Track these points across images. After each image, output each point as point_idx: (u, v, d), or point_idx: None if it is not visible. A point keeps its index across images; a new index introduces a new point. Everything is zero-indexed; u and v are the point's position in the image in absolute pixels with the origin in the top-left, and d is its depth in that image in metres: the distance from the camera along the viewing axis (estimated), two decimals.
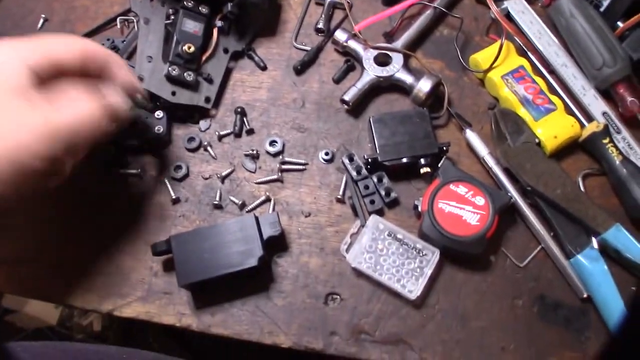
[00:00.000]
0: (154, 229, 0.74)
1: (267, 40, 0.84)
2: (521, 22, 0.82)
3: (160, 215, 0.75)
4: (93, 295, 0.71)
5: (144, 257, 0.72)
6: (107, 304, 0.71)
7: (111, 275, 0.72)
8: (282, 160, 0.76)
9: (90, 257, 0.73)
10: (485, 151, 0.75)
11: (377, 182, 0.74)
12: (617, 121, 0.77)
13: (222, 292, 0.71)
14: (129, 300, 0.71)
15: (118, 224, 0.74)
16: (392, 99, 0.80)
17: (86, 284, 0.71)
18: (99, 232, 0.74)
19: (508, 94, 0.77)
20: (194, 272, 0.67)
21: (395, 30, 0.83)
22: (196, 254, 0.68)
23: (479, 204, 0.70)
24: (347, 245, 0.72)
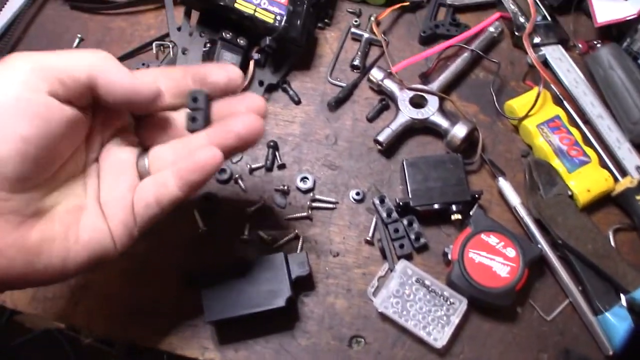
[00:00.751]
0: (181, 259, 0.74)
1: (301, 74, 0.84)
2: (558, 69, 0.82)
3: (188, 245, 0.75)
4: (117, 323, 0.71)
5: (170, 287, 0.72)
6: (131, 332, 0.71)
7: (136, 303, 0.72)
8: (313, 197, 0.76)
9: (116, 284, 0.73)
10: (517, 201, 0.75)
11: (407, 225, 0.74)
12: None
13: (246, 328, 0.70)
14: (152, 329, 0.71)
15: (146, 252, 0.74)
16: (425, 141, 0.80)
17: (110, 311, 0.71)
18: (125, 260, 0.73)
19: (543, 143, 0.77)
20: (222, 308, 0.67)
21: (431, 71, 0.82)
22: (224, 290, 0.68)
23: (510, 255, 0.70)
24: (374, 289, 0.72)
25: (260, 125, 0.56)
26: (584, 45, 0.85)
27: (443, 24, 0.86)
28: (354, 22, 0.87)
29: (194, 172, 0.53)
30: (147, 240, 0.74)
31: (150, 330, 0.71)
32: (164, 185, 0.54)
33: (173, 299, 0.72)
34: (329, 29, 0.88)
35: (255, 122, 0.55)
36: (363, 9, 0.89)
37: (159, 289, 0.72)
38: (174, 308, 0.71)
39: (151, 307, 0.72)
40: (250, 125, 0.55)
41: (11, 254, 0.47)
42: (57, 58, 0.48)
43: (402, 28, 0.88)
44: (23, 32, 0.88)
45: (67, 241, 0.50)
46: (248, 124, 0.55)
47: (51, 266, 0.49)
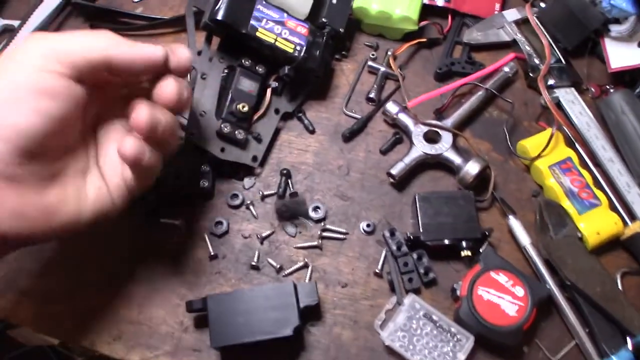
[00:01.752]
0: (189, 283, 0.74)
1: (317, 104, 0.85)
2: (571, 112, 0.83)
3: (196, 270, 0.75)
4: (120, 345, 0.71)
5: (176, 310, 0.72)
6: (134, 355, 0.70)
7: (141, 326, 0.71)
8: (324, 227, 0.76)
9: (120, 305, 0.72)
10: (527, 240, 0.75)
11: (417, 260, 0.74)
12: None
13: (251, 356, 0.70)
14: (157, 354, 0.70)
15: (152, 274, 0.74)
16: (437, 176, 0.81)
17: (114, 332, 0.71)
18: (131, 280, 0.74)
19: (554, 184, 0.78)
20: (228, 334, 0.67)
21: (445, 108, 0.83)
22: (231, 316, 0.68)
23: (519, 294, 0.70)
24: (382, 321, 0.72)
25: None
26: (597, 89, 0.86)
27: (459, 62, 0.87)
28: (371, 56, 0.88)
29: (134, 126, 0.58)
30: (157, 264, 0.74)
31: (154, 354, 0.70)
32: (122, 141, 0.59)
33: (178, 323, 0.71)
34: (345, 60, 0.89)
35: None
36: (380, 43, 0.90)
37: (165, 312, 0.72)
38: (178, 332, 0.71)
39: (157, 330, 0.71)
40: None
41: (33, 215, 0.53)
42: (72, 42, 0.54)
43: (418, 64, 0.89)
44: None
45: (79, 200, 0.57)
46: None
47: (67, 223, 0.56)
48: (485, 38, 0.89)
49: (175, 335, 0.71)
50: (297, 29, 0.79)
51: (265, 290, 0.69)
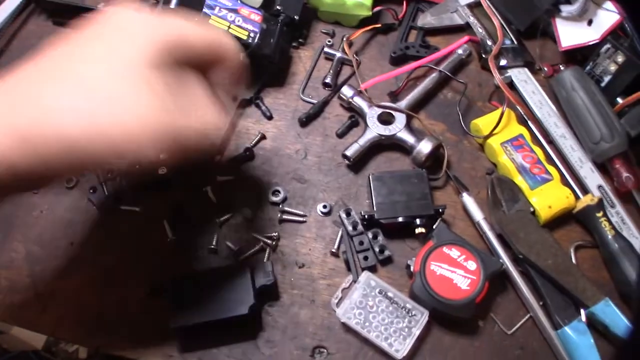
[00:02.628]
0: (150, 268, 0.75)
1: (275, 91, 0.86)
2: (523, 91, 0.84)
3: (157, 254, 0.75)
4: (82, 329, 0.72)
5: (137, 295, 0.73)
6: (96, 339, 0.71)
7: (103, 311, 0.72)
8: (282, 209, 0.78)
9: (83, 292, 0.73)
10: (480, 216, 0.76)
11: (372, 238, 0.75)
12: (612, 195, 0.79)
13: (211, 337, 0.71)
14: (118, 337, 0.71)
15: (114, 259, 0.75)
16: (393, 157, 0.82)
17: (78, 318, 0.72)
18: (93, 266, 0.74)
19: (506, 161, 0.79)
20: (187, 315, 0.68)
21: (400, 90, 0.85)
22: (190, 298, 0.69)
23: (471, 268, 0.71)
24: (338, 300, 0.73)
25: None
26: (550, 68, 0.87)
27: (413, 46, 0.89)
28: (327, 42, 0.89)
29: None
30: (115, 249, 0.75)
31: (116, 337, 0.71)
32: None
33: (139, 307, 0.72)
34: (303, 48, 0.90)
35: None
36: (337, 30, 0.91)
37: (126, 297, 0.73)
38: (140, 316, 0.72)
39: (118, 315, 0.72)
40: None
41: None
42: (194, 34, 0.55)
43: (373, 49, 0.90)
44: (5, 45, 0.90)
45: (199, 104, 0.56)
46: None
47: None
48: (439, 22, 0.90)
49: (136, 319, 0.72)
50: (250, 17, 0.80)
51: (222, 272, 0.70)
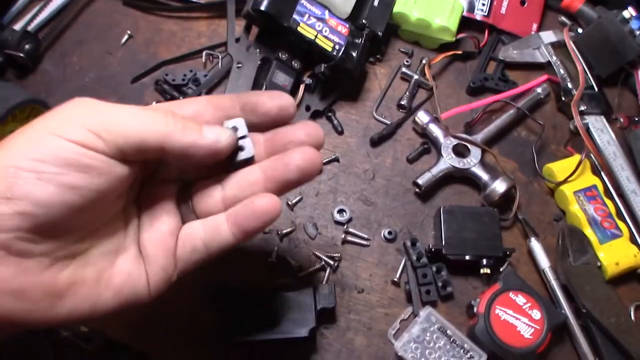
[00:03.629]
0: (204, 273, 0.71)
1: (347, 105, 0.84)
2: (599, 140, 0.83)
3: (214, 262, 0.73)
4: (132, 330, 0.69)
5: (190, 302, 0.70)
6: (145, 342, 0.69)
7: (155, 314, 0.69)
8: (347, 230, 0.76)
9: None
10: (546, 264, 0.75)
11: (436, 272, 0.74)
12: None
13: (261, 354, 0.69)
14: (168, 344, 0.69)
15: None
16: (462, 190, 0.80)
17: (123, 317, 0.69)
18: None
19: (577, 210, 0.78)
20: (243, 331, 0.66)
21: (475, 122, 0.83)
22: (247, 313, 0.67)
23: (535, 317, 0.70)
24: (395, 331, 0.71)
25: (319, 158, 0.53)
26: (626, 119, 0.86)
27: (492, 78, 0.87)
28: (405, 62, 0.87)
29: (251, 220, 0.50)
30: None
31: (164, 343, 0.69)
32: (215, 230, 0.51)
33: (191, 316, 0.70)
34: (379, 64, 0.88)
35: (313, 154, 0.52)
36: (415, 50, 0.89)
37: (179, 303, 0.70)
38: (190, 324, 0.70)
39: (168, 320, 0.70)
40: (309, 157, 0.52)
41: (36, 297, 0.43)
42: (125, 121, 0.45)
43: (451, 75, 0.88)
44: (73, 19, 0.87)
45: (98, 286, 0.47)
46: (307, 156, 0.52)
47: (77, 311, 0.46)
48: (521, 57, 0.88)
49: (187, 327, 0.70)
50: (337, 28, 0.78)
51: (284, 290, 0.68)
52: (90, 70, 0.85)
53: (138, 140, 0.45)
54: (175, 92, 0.81)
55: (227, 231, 0.51)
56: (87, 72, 0.84)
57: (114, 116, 0.45)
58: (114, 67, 0.85)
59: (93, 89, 0.83)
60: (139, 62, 0.85)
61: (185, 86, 0.82)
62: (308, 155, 0.52)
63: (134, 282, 0.48)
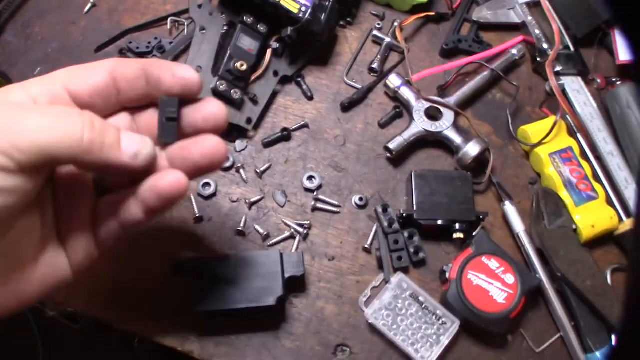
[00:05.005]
0: (172, 243, 0.71)
1: (317, 70, 0.82)
2: (575, 101, 0.81)
3: (180, 230, 0.72)
4: (98, 302, 0.68)
5: (158, 272, 0.69)
6: (111, 313, 0.68)
7: (121, 285, 0.69)
8: (317, 197, 0.74)
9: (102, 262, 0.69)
10: (521, 227, 0.74)
11: (408, 238, 0.72)
12: None
13: (230, 323, 0.68)
14: (135, 314, 0.68)
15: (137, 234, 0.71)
16: (435, 154, 0.79)
17: (91, 287, 0.68)
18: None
19: (553, 173, 0.76)
20: (211, 300, 0.65)
21: (448, 85, 0.81)
22: (215, 282, 0.65)
23: (509, 282, 0.68)
24: (367, 298, 0.70)
25: (223, 149, 0.50)
26: (603, 80, 0.84)
27: (466, 40, 0.84)
28: (377, 25, 0.85)
29: (157, 200, 0.49)
30: None
31: (131, 313, 0.68)
32: (127, 210, 0.50)
33: (158, 284, 0.69)
34: (350, 28, 0.85)
35: (216, 145, 0.50)
36: (387, 12, 0.87)
37: (146, 273, 0.69)
38: (159, 294, 0.68)
39: (134, 289, 0.69)
40: (211, 148, 0.50)
41: None
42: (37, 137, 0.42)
43: (424, 38, 0.86)
44: None
45: (21, 278, 0.47)
46: (209, 148, 0.50)
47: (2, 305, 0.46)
48: (495, 18, 0.86)
49: (156, 297, 0.68)
50: None
51: (251, 258, 0.67)
52: (52, 40, 0.82)
53: (51, 157, 0.43)
54: None
55: (136, 210, 0.49)
56: (50, 42, 0.82)
57: (26, 131, 0.42)
58: (77, 37, 0.83)
59: (56, 59, 0.81)
60: (103, 31, 0.82)
61: (149, 54, 0.80)
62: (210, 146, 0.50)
63: (56, 270, 0.49)
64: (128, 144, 0.46)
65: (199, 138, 0.50)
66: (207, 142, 0.50)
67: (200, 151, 0.50)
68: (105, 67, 0.49)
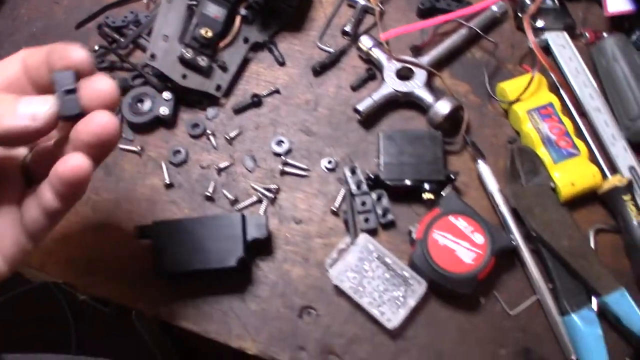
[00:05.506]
0: (142, 210, 0.72)
1: (290, 36, 0.81)
2: (559, 56, 0.77)
3: (151, 197, 0.73)
4: (72, 268, 0.70)
5: (127, 237, 0.70)
6: (84, 280, 0.70)
7: (93, 251, 0.70)
8: (285, 161, 0.73)
9: (76, 229, 0.71)
10: (495, 187, 0.71)
11: (376, 200, 0.71)
12: None
13: (197, 286, 0.68)
14: (105, 279, 0.69)
15: (108, 199, 0.73)
16: (408, 116, 0.77)
17: (66, 255, 0.70)
18: (86, 205, 0.72)
19: (530, 130, 0.73)
20: (172, 262, 0.65)
21: (424, 45, 0.79)
22: (177, 244, 0.66)
23: (477, 242, 0.66)
24: (333, 261, 0.69)
25: (112, 125, 0.46)
26: (592, 35, 0.80)
27: None
28: None
29: (62, 185, 0.45)
30: (111, 190, 0.73)
31: (102, 278, 0.69)
32: (43, 197, 0.47)
33: (128, 250, 0.70)
34: None
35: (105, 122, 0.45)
36: None
37: (118, 240, 0.71)
38: (129, 260, 0.70)
39: (107, 256, 0.70)
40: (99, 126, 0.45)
41: None
42: None
43: None
44: None
45: None
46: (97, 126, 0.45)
47: None
48: None
49: (125, 262, 0.70)
50: None
51: (214, 220, 0.67)
52: (37, 20, 0.85)
53: None
54: (117, 34, 0.81)
55: (50, 196, 0.47)
56: (35, 22, 0.85)
57: None
58: (60, 16, 0.85)
59: (40, 38, 0.83)
60: (84, 9, 0.84)
61: (125, 27, 0.81)
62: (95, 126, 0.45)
63: None
64: (25, 107, 0.44)
65: (88, 116, 0.46)
66: (96, 119, 0.45)
67: (89, 129, 0.45)
68: (17, 58, 0.47)
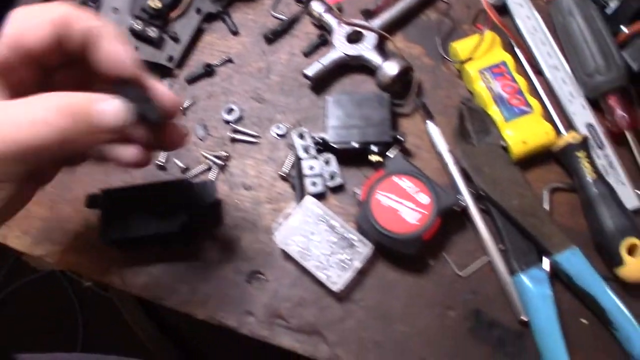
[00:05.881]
0: (95, 180, 0.73)
1: (244, 5, 0.81)
2: (516, 15, 0.75)
3: (104, 170, 0.73)
4: (28, 238, 0.71)
5: (80, 207, 0.71)
6: (40, 249, 0.71)
7: (48, 221, 0.71)
8: (235, 128, 0.73)
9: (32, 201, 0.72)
10: (444, 147, 0.70)
11: (325, 164, 0.70)
12: (602, 136, 0.70)
13: (148, 253, 0.69)
14: (60, 249, 0.70)
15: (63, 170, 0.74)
16: (359, 80, 0.76)
17: (23, 226, 0.71)
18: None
19: (482, 89, 0.71)
20: (117, 229, 0.66)
21: (378, 9, 0.77)
22: (124, 211, 0.66)
23: (422, 202, 0.65)
24: (279, 225, 0.69)
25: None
26: None
27: None
28: None
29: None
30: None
31: (60, 249, 0.70)
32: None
33: (84, 221, 0.71)
34: None
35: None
36: None
37: (72, 209, 0.72)
38: (84, 229, 0.71)
39: (64, 226, 0.71)
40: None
41: None
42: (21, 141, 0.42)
43: None
44: None
45: None
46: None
47: None
48: None
49: (80, 232, 0.71)
50: None
51: (160, 186, 0.67)
52: None
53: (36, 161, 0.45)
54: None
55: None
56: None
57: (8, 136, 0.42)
58: None
59: None
60: None
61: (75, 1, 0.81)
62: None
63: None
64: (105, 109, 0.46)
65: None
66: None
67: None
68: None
